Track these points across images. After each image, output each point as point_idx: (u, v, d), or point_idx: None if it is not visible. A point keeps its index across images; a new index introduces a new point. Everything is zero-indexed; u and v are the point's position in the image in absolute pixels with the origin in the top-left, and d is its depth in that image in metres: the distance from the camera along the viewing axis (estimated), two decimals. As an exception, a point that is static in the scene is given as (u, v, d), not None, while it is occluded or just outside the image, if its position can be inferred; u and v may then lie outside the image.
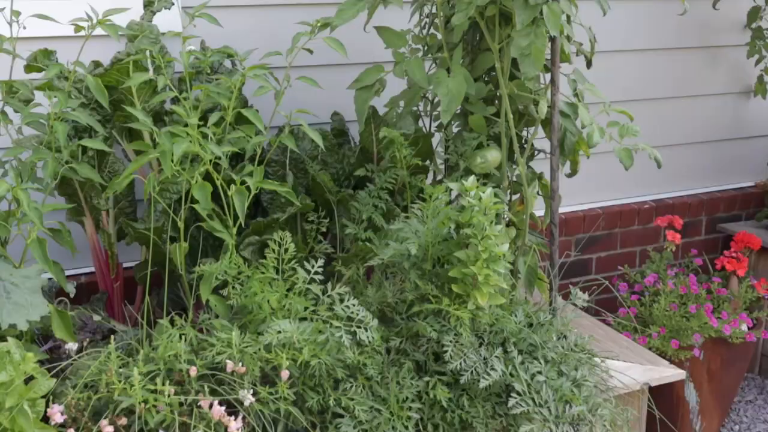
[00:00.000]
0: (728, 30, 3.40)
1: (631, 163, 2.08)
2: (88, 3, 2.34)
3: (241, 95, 2.21)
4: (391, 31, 2.13)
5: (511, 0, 1.93)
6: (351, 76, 2.29)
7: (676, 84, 3.36)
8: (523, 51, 1.91)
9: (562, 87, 2.19)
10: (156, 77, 1.78)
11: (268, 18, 2.58)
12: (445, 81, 1.99)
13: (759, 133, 3.60)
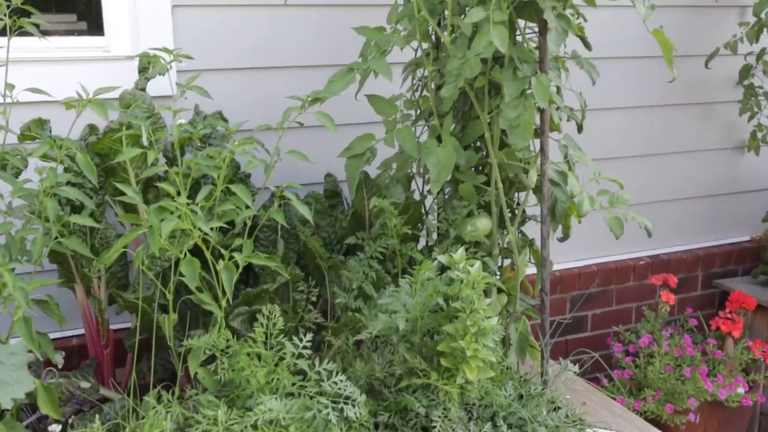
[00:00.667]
0: (721, 86, 3.44)
1: (621, 232, 2.08)
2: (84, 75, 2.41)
3: (234, 160, 2.23)
4: (382, 99, 2.15)
5: (499, 72, 1.96)
6: (346, 136, 2.31)
7: (670, 140, 3.38)
8: (512, 123, 1.92)
9: (554, 152, 2.21)
10: (148, 148, 1.80)
11: (264, 80, 2.61)
12: (435, 151, 2.01)
13: (753, 187, 3.61)
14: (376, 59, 1.99)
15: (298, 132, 2.60)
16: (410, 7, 2.05)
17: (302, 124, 2.00)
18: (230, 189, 1.78)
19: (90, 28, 2.74)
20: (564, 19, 1.92)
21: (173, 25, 2.47)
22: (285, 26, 2.58)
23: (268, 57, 2.61)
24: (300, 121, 1.97)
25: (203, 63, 2.52)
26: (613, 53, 3.13)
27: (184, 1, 2.48)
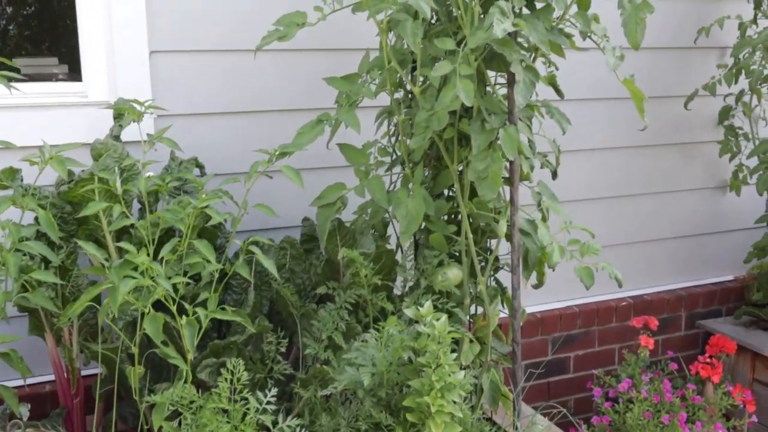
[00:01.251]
0: (703, 126, 3.45)
1: (591, 282, 2.08)
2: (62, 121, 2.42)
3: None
4: (353, 148, 2.15)
5: (468, 124, 1.97)
6: (325, 178, 2.31)
7: (651, 180, 3.38)
8: (480, 174, 1.93)
9: (529, 197, 2.22)
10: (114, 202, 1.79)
11: (243, 124, 2.62)
12: (404, 202, 2.01)
13: (736, 226, 3.60)
14: (345, 111, 1.99)
15: (276, 175, 2.61)
16: (381, 56, 2.06)
17: (271, 176, 2.00)
18: (194, 244, 1.77)
19: (71, 71, 2.76)
20: (532, 71, 1.92)
21: (151, 70, 2.49)
22: (264, 71, 2.60)
23: (247, 101, 2.62)
24: (269, 173, 1.97)
25: (182, 107, 2.54)
26: (596, 94, 3.15)
27: (162, 47, 2.49)
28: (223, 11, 2.53)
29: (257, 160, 2.11)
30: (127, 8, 2.42)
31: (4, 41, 2.98)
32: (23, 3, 2.97)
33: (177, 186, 2.31)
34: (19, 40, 3.04)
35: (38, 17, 3.00)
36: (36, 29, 2.99)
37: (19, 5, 3.00)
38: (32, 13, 2.99)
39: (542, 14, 1.96)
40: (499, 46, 1.86)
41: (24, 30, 3.00)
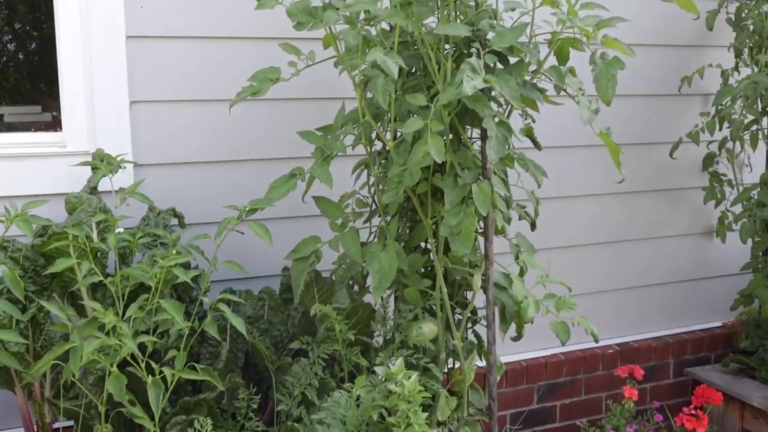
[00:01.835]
0: (688, 173, 3.45)
1: (567, 337, 2.06)
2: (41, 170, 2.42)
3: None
4: (328, 201, 2.14)
5: (441, 179, 1.96)
6: (305, 228, 2.30)
7: (637, 226, 3.37)
8: (453, 230, 1.92)
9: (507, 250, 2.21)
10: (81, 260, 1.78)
11: (223, 173, 2.62)
12: (378, 257, 1.99)
13: (724, 272, 3.58)
14: (318, 166, 1.99)
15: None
16: (356, 110, 2.07)
17: (242, 233, 2.00)
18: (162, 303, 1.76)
19: (54, 119, 2.77)
20: (505, 126, 1.92)
21: (131, 119, 2.49)
22: (244, 120, 2.60)
23: (227, 151, 2.62)
24: (240, 230, 1.97)
25: (161, 157, 2.54)
26: (580, 141, 3.15)
27: (142, 97, 2.50)
28: (200, 62, 2.54)
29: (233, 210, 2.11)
30: (108, 59, 2.44)
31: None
32: (8, 51, 3.00)
33: (153, 237, 2.30)
34: (3, 88, 3.06)
35: (23, 66, 3.02)
36: (20, 78, 3.01)
37: (3, 54, 3.02)
38: (17, 61, 3.01)
39: (515, 69, 1.96)
40: (471, 102, 1.86)
41: (8, 78, 3.02)
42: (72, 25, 2.43)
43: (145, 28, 2.48)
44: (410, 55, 2.07)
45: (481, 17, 1.92)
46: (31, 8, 2.94)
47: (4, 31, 2.98)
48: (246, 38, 2.58)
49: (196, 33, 2.54)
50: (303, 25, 1.98)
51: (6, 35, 2.97)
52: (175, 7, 2.50)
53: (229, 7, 2.55)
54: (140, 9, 2.48)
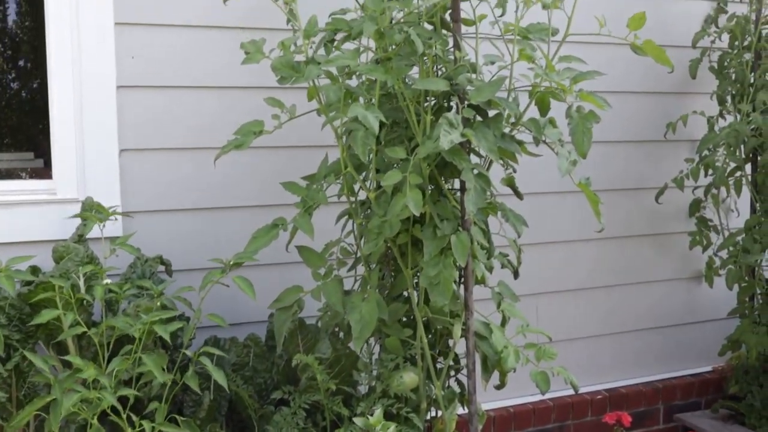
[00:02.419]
0: (675, 218, 3.48)
1: (547, 387, 2.07)
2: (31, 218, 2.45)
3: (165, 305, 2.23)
4: (311, 251, 2.17)
5: (420, 230, 1.99)
6: (292, 275, 2.32)
7: (625, 271, 3.39)
8: (432, 280, 1.94)
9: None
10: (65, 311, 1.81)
11: (215, 220, 2.65)
12: (358, 307, 2.01)
13: (713, 316, 3.59)
14: (300, 217, 2.03)
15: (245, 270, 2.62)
16: (339, 161, 2.11)
17: (227, 285, 2.02)
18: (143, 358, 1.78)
19: (46, 165, 2.81)
20: (483, 178, 1.96)
21: (120, 167, 2.53)
22: (233, 168, 2.64)
23: (214, 198, 2.66)
24: (225, 283, 1.99)
25: (150, 204, 2.58)
26: (566, 187, 3.15)
27: (131, 145, 2.55)
28: (190, 110, 2.60)
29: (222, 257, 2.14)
30: (98, 108, 2.49)
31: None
32: (2, 99, 3.05)
33: (140, 286, 2.32)
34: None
35: (15, 113, 3.07)
36: (12, 124, 3.05)
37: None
38: (10, 108, 3.06)
39: (493, 122, 2.00)
40: (449, 156, 1.90)
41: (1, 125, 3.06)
42: (64, 74, 2.49)
43: (136, 78, 2.54)
44: (392, 107, 2.12)
45: (460, 72, 1.96)
46: (24, 56, 3.00)
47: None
48: (234, 87, 2.63)
49: (185, 83, 2.59)
50: (286, 79, 2.03)
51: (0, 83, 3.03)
52: (165, 58, 2.56)
53: (217, 58, 2.60)
54: (131, 59, 2.54)
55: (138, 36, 2.54)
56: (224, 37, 2.60)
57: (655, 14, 3.32)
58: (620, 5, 3.22)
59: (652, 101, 3.37)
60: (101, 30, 2.49)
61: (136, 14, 2.53)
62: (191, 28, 2.59)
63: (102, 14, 2.50)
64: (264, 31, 2.51)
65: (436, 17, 2.03)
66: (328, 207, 2.29)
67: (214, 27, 2.60)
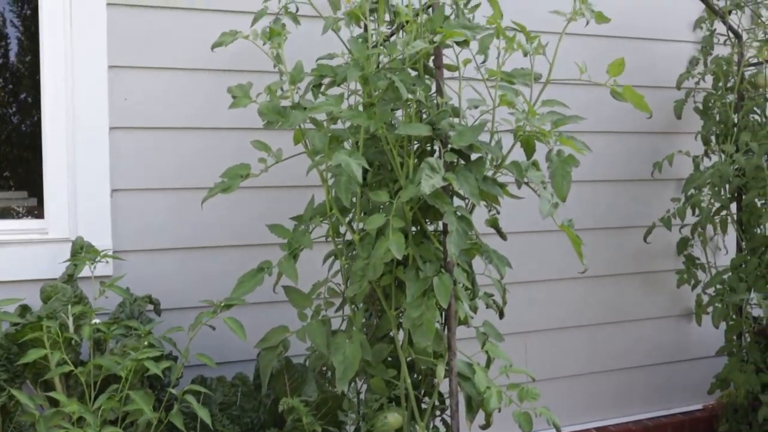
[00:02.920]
0: (664, 256, 3.51)
1: (530, 428, 2.08)
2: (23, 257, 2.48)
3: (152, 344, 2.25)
4: (297, 292, 2.20)
5: (403, 272, 2.02)
6: (281, 313, 2.34)
7: (614, 309, 3.41)
8: (415, 322, 1.96)
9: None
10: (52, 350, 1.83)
11: (205, 259, 2.68)
12: (342, 347, 2.03)
13: (704, 354, 3.60)
14: (285, 260, 2.06)
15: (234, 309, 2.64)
16: (324, 204, 2.14)
17: (214, 328, 2.05)
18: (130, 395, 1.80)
19: (40, 204, 2.84)
20: (465, 221, 1.99)
21: (112, 207, 2.57)
22: (223, 208, 2.67)
23: (204, 237, 2.69)
24: (212, 325, 2.02)
25: (140, 243, 2.61)
26: (553, 225, 3.21)
27: (123, 186, 2.59)
28: (182, 152, 2.64)
29: (212, 296, 2.17)
30: (91, 148, 2.54)
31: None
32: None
33: (128, 325, 2.34)
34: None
35: (10, 152, 3.12)
36: (7, 163, 3.10)
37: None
38: (5, 147, 3.11)
39: (475, 166, 2.04)
40: (431, 199, 1.94)
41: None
42: (57, 115, 2.54)
43: (128, 120, 2.59)
44: (378, 150, 2.16)
45: (442, 117, 2.01)
46: (21, 96, 3.06)
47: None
48: (225, 128, 2.68)
49: (175, 124, 2.64)
50: (272, 124, 2.07)
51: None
52: (157, 100, 2.61)
53: (207, 99, 2.66)
54: (124, 101, 2.59)
55: (131, 78, 2.59)
56: (214, 79, 2.65)
57: (641, 56, 3.39)
58: (607, 47, 3.31)
59: (639, 140, 3.42)
60: (95, 72, 2.55)
61: (130, 57, 2.59)
62: (182, 70, 2.65)
63: (96, 57, 2.56)
64: (252, 73, 2.57)
65: (419, 63, 2.08)
66: (319, 245, 2.33)
67: (204, 69, 2.65)
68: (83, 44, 2.54)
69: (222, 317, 2.00)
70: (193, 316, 2.22)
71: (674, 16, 3.48)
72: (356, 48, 2.04)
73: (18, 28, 2.86)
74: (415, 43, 1.88)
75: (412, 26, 1.99)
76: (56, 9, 2.53)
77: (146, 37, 2.61)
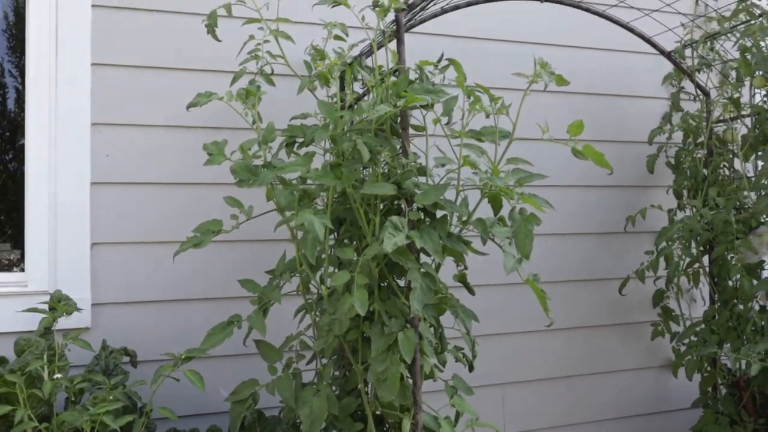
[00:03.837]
0: (641, 307, 3.55)
1: (494, 482, 2.10)
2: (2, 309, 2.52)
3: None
4: (268, 345, 2.24)
5: (369, 327, 2.06)
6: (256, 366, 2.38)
7: (592, 360, 3.44)
8: (380, 376, 2.00)
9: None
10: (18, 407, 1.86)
11: (183, 312, 2.73)
12: (310, 401, 2.07)
13: (680, 406, 3.61)
14: (255, 314, 2.10)
15: (208, 361, 2.68)
16: (294, 260, 2.20)
17: (178, 380, 2.09)
18: None
19: (23, 257, 2.89)
20: (429, 277, 2.04)
21: (91, 260, 2.62)
22: (202, 262, 2.73)
23: (186, 291, 2.74)
24: (175, 377, 2.06)
25: (121, 296, 2.66)
26: (532, 276, 3.27)
27: (104, 239, 2.64)
28: (159, 207, 2.71)
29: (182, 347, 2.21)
30: (73, 204, 2.61)
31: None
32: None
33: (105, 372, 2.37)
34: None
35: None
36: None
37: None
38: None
39: (439, 224, 2.10)
40: (395, 257, 1.99)
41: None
42: (40, 172, 2.61)
43: (109, 175, 2.66)
44: (347, 209, 2.22)
45: (407, 177, 2.07)
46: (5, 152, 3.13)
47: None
48: (201, 184, 2.75)
49: (154, 179, 2.72)
50: (244, 182, 2.14)
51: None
52: (137, 156, 2.69)
53: (186, 156, 2.73)
54: (105, 158, 2.66)
55: (112, 135, 2.67)
56: (194, 136, 2.73)
57: (615, 112, 3.49)
58: (582, 103, 3.42)
59: (614, 194, 3.50)
60: (78, 130, 2.63)
61: (112, 115, 2.67)
62: (163, 127, 2.73)
63: (80, 115, 2.64)
64: (232, 130, 2.66)
65: (386, 124, 2.15)
66: (294, 298, 2.37)
67: (184, 126, 2.74)
68: (67, 103, 2.63)
69: (183, 370, 2.04)
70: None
71: (647, 73, 3.58)
72: (325, 109, 2.12)
73: (4, 87, 2.95)
74: (379, 107, 1.96)
75: (377, 90, 2.07)
76: (42, 69, 2.62)
77: (128, 96, 2.70)
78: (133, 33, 2.73)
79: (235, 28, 2.51)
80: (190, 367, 2.16)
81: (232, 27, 2.53)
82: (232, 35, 2.55)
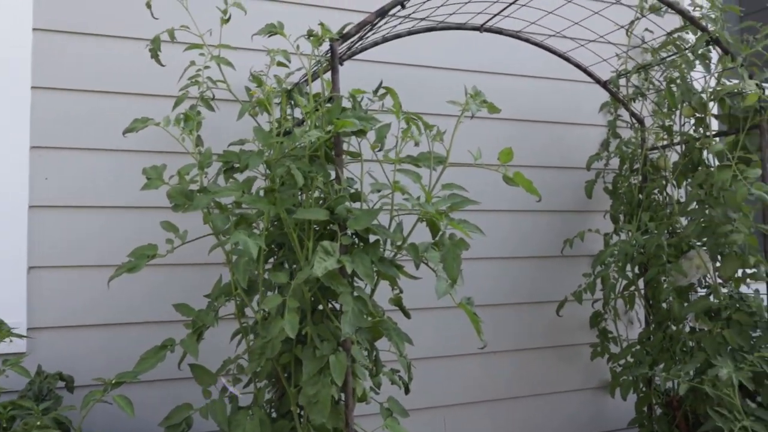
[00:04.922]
0: (580, 329, 3.62)
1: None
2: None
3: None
4: (202, 369, 2.25)
5: (301, 351, 2.09)
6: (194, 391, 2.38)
7: (529, 383, 3.50)
8: (311, 399, 2.03)
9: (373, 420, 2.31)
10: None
11: (114, 335, 2.72)
12: (243, 425, 2.09)
13: (618, 426, 3.69)
14: (188, 338, 2.12)
15: (144, 386, 2.68)
16: (229, 284, 2.22)
17: (111, 403, 2.09)
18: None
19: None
20: (361, 301, 2.08)
21: (28, 284, 2.61)
22: (140, 286, 2.73)
23: (124, 315, 2.73)
24: (108, 401, 2.06)
25: (59, 320, 2.65)
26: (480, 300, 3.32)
27: (41, 263, 2.63)
28: (98, 231, 2.71)
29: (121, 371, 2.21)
30: (9, 228, 2.59)
31: None
32: None
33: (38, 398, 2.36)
34: None
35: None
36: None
37: None
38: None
39: (372, 248, 2.14)
40: (326, 281, 2.03)
41: None
42: (-23, 195, 2.59)
43: (48, 199, 2.66)
44: (283, 233, 2.25)
45: (340, 202, 2.12)
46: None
47: None
48: (142, 207, 2.76)
49: (94, 203, 2.72)
50: (180, 207, 2.16)
51: None
52: (78, 181, 2.69)
53: (126, 180, 2.74)
54: (44, 180, 2.66)
55: (52, 158, 2.67)
56: (134, 160, 2.75)
57: (554, 138, 3.59)
58: (520, 130, 3.50)
59: (553, 218, 3.58)
60: (17, 153, 2.62)
61: (52, 139, 2.68)
62: (104, 151, 2.74)
63: (18, 137, 2.64)
64: (173, 154, 2.67)
65: (320, 150, 2.20)
66: (233, 322, 2.39)
67: (125, 151, 2.75)
68: (6, 125, 2.63)
69: (113, 395, 2.04)
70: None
71: (585, 102, 3.69)
72: (261, 136, 2.16)
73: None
74: (310, 133, 2.00)
75: (311, 117, 2.12)
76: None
77: (69, 119, 2.71)
78: (75, 57, 2.74)
79: (178, 53, 2.54)
80: (125, 392, 2.17)
81: (175, 52, 2.56)
82: (176, 60, 2.58)
